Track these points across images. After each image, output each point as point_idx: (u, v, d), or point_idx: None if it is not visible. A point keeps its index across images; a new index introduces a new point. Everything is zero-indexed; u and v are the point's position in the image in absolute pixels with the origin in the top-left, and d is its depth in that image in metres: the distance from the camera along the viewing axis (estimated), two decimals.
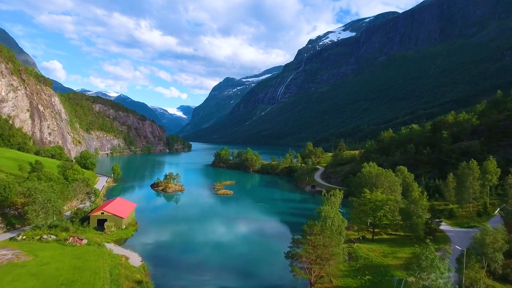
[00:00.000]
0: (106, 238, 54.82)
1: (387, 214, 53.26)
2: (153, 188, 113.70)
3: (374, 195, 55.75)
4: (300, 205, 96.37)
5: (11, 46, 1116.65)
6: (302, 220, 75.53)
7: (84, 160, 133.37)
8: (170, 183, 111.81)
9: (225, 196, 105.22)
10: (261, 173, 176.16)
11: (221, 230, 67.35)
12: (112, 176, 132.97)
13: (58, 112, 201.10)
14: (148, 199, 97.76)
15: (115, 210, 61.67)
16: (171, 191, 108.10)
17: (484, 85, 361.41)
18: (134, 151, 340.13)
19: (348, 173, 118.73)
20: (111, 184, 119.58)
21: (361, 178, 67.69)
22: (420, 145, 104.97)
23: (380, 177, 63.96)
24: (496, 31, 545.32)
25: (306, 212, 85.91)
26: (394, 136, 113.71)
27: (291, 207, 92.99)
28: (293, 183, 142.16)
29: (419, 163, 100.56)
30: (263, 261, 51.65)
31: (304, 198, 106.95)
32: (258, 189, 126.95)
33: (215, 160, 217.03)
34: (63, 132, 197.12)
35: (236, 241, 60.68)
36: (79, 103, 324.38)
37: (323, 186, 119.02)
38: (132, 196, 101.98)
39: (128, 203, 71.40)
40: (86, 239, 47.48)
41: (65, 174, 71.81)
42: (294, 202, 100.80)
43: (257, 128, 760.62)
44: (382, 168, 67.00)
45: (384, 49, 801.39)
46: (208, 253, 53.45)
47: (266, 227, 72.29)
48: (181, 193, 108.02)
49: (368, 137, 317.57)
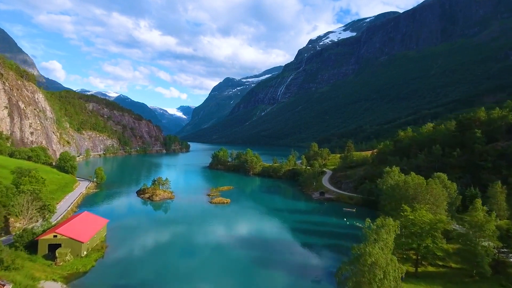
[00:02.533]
0: (54, 272, 40.14)
1: (437, 241, 38.71)
2: (139, 195, 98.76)
3: (418, 214, 41.12)
4: (310, 218, 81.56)
5: (10, 45, 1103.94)
6: (315, 241, 59.91)
7: (64, 163, 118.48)
8: (158, 189, 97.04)
9: (221, 205, 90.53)
10: (262, 176, 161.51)
11: (213, 259, 52.28)
12: (95, 181, 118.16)
13: (42, 110, 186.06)
14: (129, 210, 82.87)
15: (73, 231, 46.94)
16: (158, 199, 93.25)
17: (488, 85, 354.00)
18: (128, 151, 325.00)
19: (362, 178, 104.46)
20: (91, 190, 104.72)
21: (395, 190, 51.75)
22: (445, 146, 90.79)
23: (422, 188, 48.82)
24: (498, 31, 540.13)
25: (318, 228, 71.26)
26: (415, 136, 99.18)
27: (300, 221, 77.97)
28: (297, 188, 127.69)
29: (447, 167, 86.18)
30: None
31: (313, 208, 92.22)
32: (258, 196, 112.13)
33: (213, 162, 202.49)
34: (48, 132, 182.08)
35: (233, 274, 46.06)
36: (71, 102, 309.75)
37: (333, 193, 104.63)
38: (112, 205, 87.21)
39: (96, 220, 56.66)
40: (12, 282, 32.57)
41: (18, 183, 57.42)
42: (301, 214, 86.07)
43: (257, 128, 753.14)
44: (420, 176, 52.29)
45: (385, 49, 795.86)
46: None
47: (270, 250, 57.50)
48: (170, 202, 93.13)
49: (371, 137, 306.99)
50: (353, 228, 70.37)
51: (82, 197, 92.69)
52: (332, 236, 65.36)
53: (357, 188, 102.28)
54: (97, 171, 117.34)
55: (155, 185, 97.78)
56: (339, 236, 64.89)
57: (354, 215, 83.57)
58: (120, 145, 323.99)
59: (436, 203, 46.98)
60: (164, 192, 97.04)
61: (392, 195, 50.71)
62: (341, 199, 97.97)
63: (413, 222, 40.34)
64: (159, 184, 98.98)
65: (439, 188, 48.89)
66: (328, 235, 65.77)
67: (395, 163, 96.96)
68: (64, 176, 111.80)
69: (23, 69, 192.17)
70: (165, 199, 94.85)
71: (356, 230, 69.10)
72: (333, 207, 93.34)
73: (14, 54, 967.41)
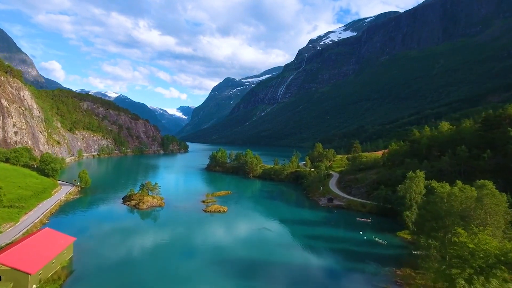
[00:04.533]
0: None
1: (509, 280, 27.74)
2: (124, 202, 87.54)
3: (479, 240, 30.10)
4: (319, 231, 70.04)
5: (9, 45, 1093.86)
6: (329, 262, 47.78)
7: (44, 165, 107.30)
8: (146, 196, 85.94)
9: (217, 214, 79.46)
10: (262, 179, 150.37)
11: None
12: (79, 185, 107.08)
13: (28, 108, 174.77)
14: (109, 222, 71.36)
15: (18, 258, 35.91)
16: (145, 207, 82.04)
17: (491, 84, 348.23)
18: (124, 152, 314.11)
19: (375, 183, 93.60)
20: (72, 196, 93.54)
21: (437, 205, 39.29)
22: (471, 146, 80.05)
23: (471, 203, 37.11)
24: (500, 30, 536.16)
25: (331, 245, 59.98)
26: (435, 136, 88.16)
27: (308, 235, 65.75)
28: (301, 192, 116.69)
29: (475, 172, 75.57)
30: None
31: (322, 218, 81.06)
32: (259, 202, 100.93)
33: (210, 163, 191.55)
34: (34, 131, 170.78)
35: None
36: (64, 101, 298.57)
37: (343, 199, 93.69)
38: (90, 215, 75.82)
39: (57, 239, 45.44)
40: None
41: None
42: (309, 225, 74.69)
43: (257, 129, 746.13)
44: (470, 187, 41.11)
45: (386, 48, 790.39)
46: None
47: (275, 277, 46.45)
48: (159, 210, 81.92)
49: (373, 137, 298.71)
50: (372, 245, 59.50)
51: (59, 204, 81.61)
52: (348, 255, 54.40)
53: (369, 194, 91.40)
54: (81, 174, 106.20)
55: (143, 191, 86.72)
56: (358, 256, 53.90)
57: (369, 226, 72.74)
58: (115, 145, 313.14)
59: (493, 223, 36.05)
60: (153, 198, 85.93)
61: (435, 211, 39.01)
62: (352, 207, 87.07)
63: (473, 252, 29.42)
64: (147, 189, 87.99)
65: (503, 202, 37.85)
66: (344, 254, 54.82)
67: (414, 167, 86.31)
68: (43, 180, 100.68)
69: (8, 64, 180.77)
70: (154, 206, 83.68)
71: (376, 248, 58.23)
72: (344, 216, 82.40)
73: (13, 54, 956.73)
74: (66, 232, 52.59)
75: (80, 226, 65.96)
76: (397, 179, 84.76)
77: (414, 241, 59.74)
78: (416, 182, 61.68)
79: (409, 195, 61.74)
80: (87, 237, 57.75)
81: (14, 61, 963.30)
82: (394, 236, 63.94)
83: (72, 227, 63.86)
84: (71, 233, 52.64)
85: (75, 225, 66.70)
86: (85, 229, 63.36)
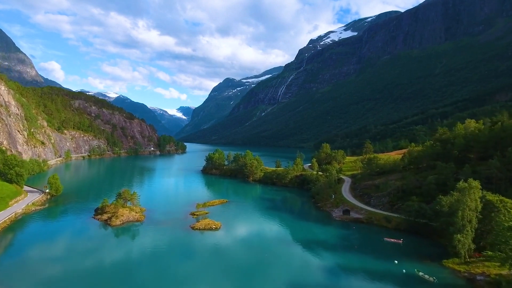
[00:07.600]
0: None
1: None
2: (95, 216, 71.39)
3: None
4: (339, 258, 53.15)
5: (8, 45, 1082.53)
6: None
7: (8, 169, 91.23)
8: (122, 207, 69.88)
9: (208, 232, 63.40)
10: (263, 183, 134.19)
11: None
12: (49, 192, 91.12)
13: (5, 105, 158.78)
14: (67, 247, 54.83)
15: None
16: (119, 222, 65.72)
17: (496, 83, 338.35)
18: (117, 153, 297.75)
19: (399, 191, 77.86)
20: (34, 208, 77.29)
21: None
22: None
23: None
24: (504, 29, 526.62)
25: (361, 284, 43.91)
26: (475, 134, 71.99)
27: (326, 267, 48.87)
28: (307, 199, 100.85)
29: None
30: None
31: (339, 237, 64.68)
32: (259, 214, 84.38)
33: (207, 165, 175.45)
34: (11, 131, 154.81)
35: None
36: (54, 98, 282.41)
37: (361, 210, 77.76)
38: (45, 236, 59.00)
39: None
40: None
41: None
42: (325, 249, 57.72)
43: (257, 129, 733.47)
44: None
45: (388, 48, 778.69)
46: None
47: None
48: (136, 227, 65.67)
49: (377, 137, 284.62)
50: (416, 283, 43.50)
51: (12, 219, 65.55)
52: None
53: (393, 204, 75.59)
54: (51, 180, 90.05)
55: (118, 202, 70.55)
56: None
57: (401, 249, 57.02)
58: (108, 146, 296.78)
59: None
60: (130, 211, 69.76)
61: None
62: (374, 221, 71.14)
63: None
64: (124, 199, 71.93)
65: None
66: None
67: (449, 172, 70.80)
68: (3, 188, 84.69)
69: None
70: (130, 221, 67.45)
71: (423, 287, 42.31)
72: (366, 233, 66.46)
73: (12, 54, 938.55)
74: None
75: (18, 251, 49.78)
76: (429, 187, 69.22)
77: (472, 275, 44.30)
78: (471, 195, 46.15)
79: (461, 212, 46.14)
80: (15, 267, 41.76)
81: (13, 61, 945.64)
82: (441, 267, 48.10)
83: (9, 253, 47.87)
84: None
85: (14, 250, 50.58)
86: (21, 255, 47.33)
